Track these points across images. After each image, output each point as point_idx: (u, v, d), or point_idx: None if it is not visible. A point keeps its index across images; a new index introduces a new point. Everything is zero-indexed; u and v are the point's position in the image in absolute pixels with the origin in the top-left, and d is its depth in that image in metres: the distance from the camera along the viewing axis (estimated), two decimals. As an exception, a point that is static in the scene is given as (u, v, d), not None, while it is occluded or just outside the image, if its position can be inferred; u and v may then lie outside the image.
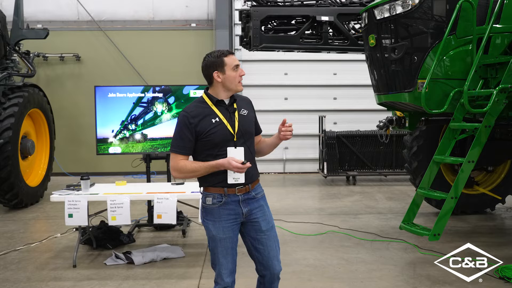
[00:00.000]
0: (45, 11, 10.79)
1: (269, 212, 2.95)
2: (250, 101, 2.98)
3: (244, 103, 2.92)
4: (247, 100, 2.97)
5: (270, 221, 2.92)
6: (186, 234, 5.66)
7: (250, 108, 2.93)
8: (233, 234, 2.85)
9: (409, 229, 4.67)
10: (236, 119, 2.81)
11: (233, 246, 2.87)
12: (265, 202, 2.96)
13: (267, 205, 2.96)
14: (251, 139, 2.89)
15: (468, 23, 4.51)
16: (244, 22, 6.76)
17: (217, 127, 2.76)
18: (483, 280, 4.11)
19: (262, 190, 2.96)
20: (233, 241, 2.86)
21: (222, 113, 2.79)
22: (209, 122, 2.76)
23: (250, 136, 2.88)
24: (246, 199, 2.83)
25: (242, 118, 2.84)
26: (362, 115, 10.64)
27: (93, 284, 4.19)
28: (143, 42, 10.83)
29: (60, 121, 9.92)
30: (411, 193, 7.66)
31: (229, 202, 2.80)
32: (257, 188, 2.91)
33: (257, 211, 2.86)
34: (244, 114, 2.86)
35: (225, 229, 2.82)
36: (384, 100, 5.25)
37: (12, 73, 7.86)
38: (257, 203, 2.87)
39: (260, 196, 2.91)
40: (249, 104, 2.96)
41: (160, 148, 5.72)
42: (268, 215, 2.93)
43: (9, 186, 6.90)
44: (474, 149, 4.39)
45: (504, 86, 4.28)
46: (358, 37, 6.70)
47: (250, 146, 2.86)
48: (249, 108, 2.92)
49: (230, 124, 2.78)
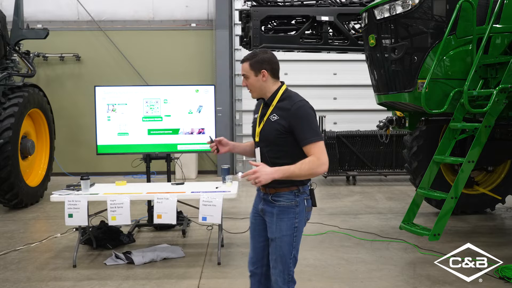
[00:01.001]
0: (45, 11, 10.79)
1: (279, 226, 2.75)
2: (298, 109, 2.66)
3: (282, 109, 2.70)
4: (294, 107, 2.67)
5: (274, 233, 2.77)
6: (186, 234, 5.66)
7: (285, 117, 2.67)
8: (254, 222, 2.95)
9: (409, 229, 4.67)
10: (263, 122, 2.77)
11: (253, 234, 2.96)
12: (282, 215, 2.74)
13: (281, 219, 2.74)
14: (271, 146, 2.73)
15: (468, 23, 4.51)
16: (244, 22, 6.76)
17: (253, 123, 2.93)
18: (483, 280, 4.11)
19: (288, 200, 2.74)
20: (253, 229, 2.96)
21: (260, 112, 2.83)
22: (253, 117, 2.94)
23: (270, 143, 2.73)
24: (264, 198, 2.85)
25: (268, 123, 2.73)
26: (362, 115, 10.64)
27: (93, 284, 4.19)
28: (143, 42, 10.83)
29: (60, 121, 9.92)
30: (411, 193, 7.66)
31: (258, 192, 2.95)
32: (280, 196, 2.75)
33: (268, 215, 2.82)
34: (272, 119, 2.72)
35: (251, 213, 2.99)
36: (384, 100, 5.25)
37: (12, 73, 7.86)
38: (270, 208, 2.79)
39: (278, 205, 2.75)
40: (287, 112, 2.67)
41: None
42: (276, 227, 2.76)
43: (9, 186, 6.90)
44: (474, 149, 4.39)
45: (504, 86, 4.28)
46: (358, 37, 6.70)
47: (268, 152, 2.74)
48: (283, 116, 2.67)
49: (258, 125, 2.81)
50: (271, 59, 2.80)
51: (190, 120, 5.74)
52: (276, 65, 2.82)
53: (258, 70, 2.75)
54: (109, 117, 5.70)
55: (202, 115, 5.75)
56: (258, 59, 2.76)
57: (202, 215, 4.46)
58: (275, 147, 2.72)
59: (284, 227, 2.75)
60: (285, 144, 2.70)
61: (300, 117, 2.65)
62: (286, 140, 2.69)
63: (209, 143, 3.04)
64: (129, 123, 5.71)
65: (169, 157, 5.94)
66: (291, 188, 2.73)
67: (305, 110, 2.66)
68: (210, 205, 4.45)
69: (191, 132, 5.75)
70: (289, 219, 2.75)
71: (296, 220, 2.76)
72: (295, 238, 2.77)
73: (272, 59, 2.80)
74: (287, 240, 2.75)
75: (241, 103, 11.01)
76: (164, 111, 5.73)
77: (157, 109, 5.73)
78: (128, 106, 5.71)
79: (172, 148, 5.79)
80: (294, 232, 2.76)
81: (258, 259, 2.93)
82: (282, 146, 2.71)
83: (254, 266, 2.95)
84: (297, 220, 2.76)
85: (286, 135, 2.68)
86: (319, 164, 2.62)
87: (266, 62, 2.76)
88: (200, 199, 4.50)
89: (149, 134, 5.74)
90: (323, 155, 2.64)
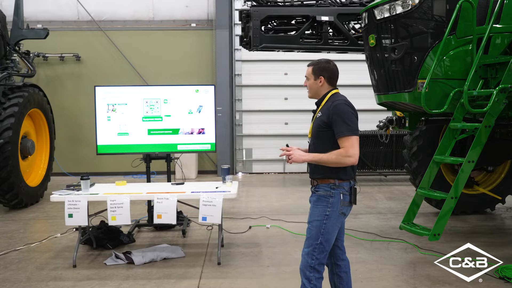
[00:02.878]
0: (45, 11, 10.80)
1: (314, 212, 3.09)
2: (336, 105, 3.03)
3: (326, 107, 3.08)
4: (333, 104, 3.04)
5: (309, 217, 3.12)
6: (186, 234, 5.66)
7: (326, 113, 3.05)
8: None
9: (409, 229, 4.67)
10: (313, 119, 3.20)
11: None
12: (317, 202, 3.09)
13: (316, 206, 3.09)
14: (316, 140, 3.11)
15: (468, 23, 4.50)
16: (244, 22, 6.76)
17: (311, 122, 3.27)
18: (483, 280, 4.11)
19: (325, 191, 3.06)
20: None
21: (315, 113, 3.20)
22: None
23: (315, 137, 3.12)
24: (311, 191, 3.20)
25: (316, 120, 3.14)
26: (362, 115, 10.38)
27: (93, 284, 4.19)
28: (143, 42, 10.84)
29: (60, 121, 9.93)
30: (411, 193, 7.66)
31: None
32: (320, 187, 3.09)
33: (311, 203, 3.18)
34: (318, 116, 3.12)
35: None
36: (384, 100, 5.25)
37: (12, 73, 7.86)
38: (312, 197, 3.17)
39: (317, 194, 3.09)
40: (328, 109, 3.05)
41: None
42: (311, 212, 3.11)
43: (9, 186, 6.91)
44: (474, 149, 4.39)
45: (504, 86, 4.28)
46: (358, 37, 6.70)
47: (314, 145, 3.12)
48: (325, 113, 3.06)
49: (312, 123, 3.21)
50: (331, 69, 3.17)
51: (190, 120, 5.74)
52: (334, 74, 3.19)
53: (318, 76, 3.15)
54: (109, 117, 5.70)
55: (202, 115, 5.75)
56: (320, 67, 3.16)
57: (202, 215, 4.46)
58: (318, 140, 3.09)
59: (316, 212, 3.07)
60: (326, 138, 3.04)
61: (337, 112, 2.99)
62: (326, 134, 3.03)
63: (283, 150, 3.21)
64: (129, 123, 5.71)
65: (169, 157, 5.95)
66: (329, 181, 3.04)
67: (343, 107, 3.00)
68: (210, 205, 4.46)
69: (191, 132, 5.75)
70: (322, 207, 3.05)
71: (329, 210, 3.03)
72: (325, 225, 3.03)
73: (332, 69, 3.18)
74: (317, 224, 3.05)
75: (241, 103, 11.01)
76: (164, 111, 5.73)
77: (157, 109, 5.73)
78: (128, 106, 5.71)
79: (172, 148, 5.80)
80: (324, 219, 3.03)
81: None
82: (323, 140, 3.05)
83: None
84: (329, 209, 3.03)
85: (326, 129, 3.03)
86: (346, 156, 2.93)
87: (326, 71, 3.15)
88: (200, 199, 4.50)
89: (149, 134, 5.74)
90: (352, 149, 2.94)
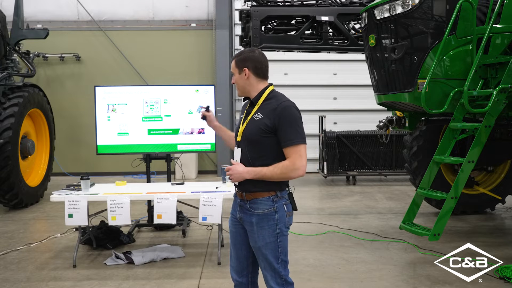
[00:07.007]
0: (45, 11, 10.79)
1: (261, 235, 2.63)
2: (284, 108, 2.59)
3: (268, 109, 2.62)
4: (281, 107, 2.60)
5: (257, 242, 2.65)
6: (186, 234, 5.66)
7: (270, 116, 2.59)
8: (234, 230, 2.81)
9: (409, 229, 4.67)
10: (246, 121, 2.70)
11: (234, 243, 2.81)
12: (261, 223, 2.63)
13: (261, 227, 2.63)
14: (252, 145, 2.64)
15: (468, 23, 4.51)
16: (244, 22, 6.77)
17: (237, 123, 2.84)
18: (483, 280, 4.10)
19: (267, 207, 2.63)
20: (234, 238, 2.81)
21: (246, 112, 2.77)
22: (240, 116, 2.85)
23: (251, 142, 2.64)
24: (241, 206, 2.73)
25: (252, 122, 2.66)
26: (362, 115, 10.65)
27: (93, 284, 4.19)
28: (143, 42, 10.84)
29: (60, 121, 9.93)
30: (411, 193, 7.66)
31: (235, 198, 2.85)
32: (257, 203, 2.64)
33: (247, 224, 2.70)
34: (256, 118, 2.64)
35: (230, 221, 2.85)
36: (384, 100, 5.25)
37: (12, 73, 7.86)
38: (249, 217, 2.67)
39: (257, 213, 2.64)
40: (273, 111, 2.60)
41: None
42: (257, 236, 2.64)
43: (9, 186, 6.90)
44: (474, 149, 4.39)
45: (504, 86, 4.28)
46: (358, 37, 6.71)
47: (250, 152, 2.65)
48: (268, 115, 2.60)
49: (242, 124, 2.74)
50: (256, 58, 2.70)
51: (190, 120, 5.73)
52: (261, 64, 2.71)
53: (241, 68, 2.70)
54: (109, 117, 5.70)
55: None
56: (242, 57, 2.70)
57: (202, 215, 4.46)
58: (256, 146, 2.63)
59: (266, 234, 2.63)
60: (267, 144, 2.61)
61: (285, 117, 2.57)
62: (268, 140, 2.60)
63: (203, 108, 3.14)
64: (129, 123, 5.71)
65: (169, 157, 5.94)
66: (269, 194, 2.63)
67: (291, 111, 2.59)
68: (210, 205, 4.45)
69: (191, 132, 5.75)
70: (269, 226, 2.63)
71: (278, 227, 2.63)
72: (280, 243, 2.65)
73: (257, 58, 2.70)
74: (271, 247, 2.64)
75: (241, 103, 11.01)
76: (164, 111, 5.73)
77: (157, 109, 5.73)
78: (128, 106, 5.70)
79: (172, 148, 5.79)
80: (277, 238, 2.64)
81: (243, 268, 2.81)
82: (263, 146, 2.62)
83: (239, 276, 2.81)
84: (279, 226, 2.64)
85: (269, 135, 2.59)
86: (293, 169, 2.54)
87: (250, 61, 2.68)
88: (200, 199, 4.50)
89: (149, 134, 5.73)
90: (299, 160, 2.54)
